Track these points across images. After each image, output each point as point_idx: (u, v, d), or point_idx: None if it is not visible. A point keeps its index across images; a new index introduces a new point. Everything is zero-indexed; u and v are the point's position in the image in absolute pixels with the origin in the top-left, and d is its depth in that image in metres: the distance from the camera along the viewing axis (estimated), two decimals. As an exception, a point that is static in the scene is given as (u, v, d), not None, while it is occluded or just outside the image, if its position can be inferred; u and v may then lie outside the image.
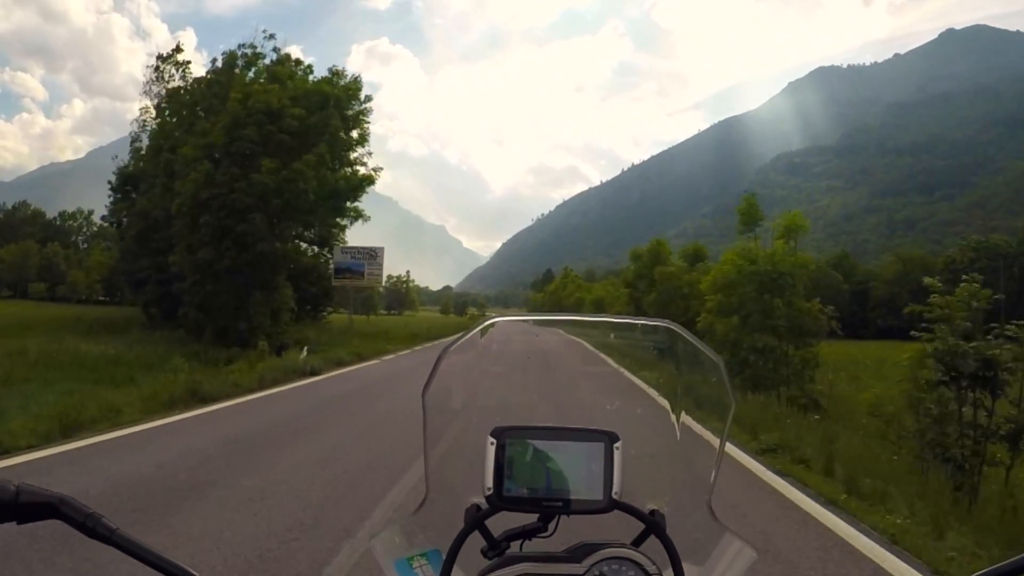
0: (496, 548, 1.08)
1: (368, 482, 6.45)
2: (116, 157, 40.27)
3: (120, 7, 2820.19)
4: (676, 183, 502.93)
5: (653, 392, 1.33)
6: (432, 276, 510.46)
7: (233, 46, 29.89)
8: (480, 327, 1.16)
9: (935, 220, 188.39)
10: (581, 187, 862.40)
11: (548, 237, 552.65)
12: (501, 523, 1.09)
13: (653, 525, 1.09)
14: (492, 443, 1.04)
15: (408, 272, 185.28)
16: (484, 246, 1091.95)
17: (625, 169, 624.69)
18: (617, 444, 1.05)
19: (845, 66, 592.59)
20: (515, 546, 1.09)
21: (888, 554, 4.87)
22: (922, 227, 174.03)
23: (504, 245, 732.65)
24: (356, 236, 39.37)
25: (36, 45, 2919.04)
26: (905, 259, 58.80)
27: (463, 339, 1.14)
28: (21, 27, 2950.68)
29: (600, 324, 1.48)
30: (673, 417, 1.20)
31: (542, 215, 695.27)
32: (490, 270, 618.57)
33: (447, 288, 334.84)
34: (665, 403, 1.22)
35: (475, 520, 1.07)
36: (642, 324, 1.31)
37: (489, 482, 1.03)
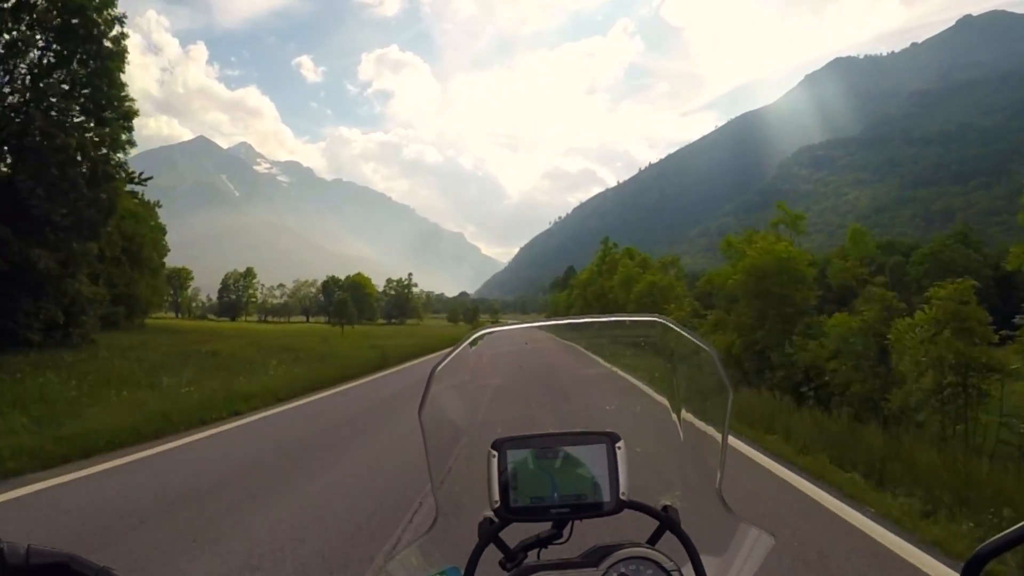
0: (513, 559, 1.07)
1: None
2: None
3: (131, 23, 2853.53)
4: (695, 181, 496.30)
5: (650, 389, 1.32)
6: (451, 284, 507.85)
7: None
8: (468, 340, 1.15)
9: (976, 210, 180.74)
10: (597, 190, 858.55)
11: (566, 240, 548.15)
12: (518, 533, 1.07)
13: (667, 521, 1.08)
14: (493, 455, 1.03)
15: (410, 275, 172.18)
16: (502, 252, 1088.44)
17: (642, 168, 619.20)
18: (619, 444, 1.05)
19: (862, 57, 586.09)
20: (532, 555, 1.08)
21: None
22: (962, 217, 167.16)
23: (521, 250, 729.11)
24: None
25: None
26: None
27: (453, 354, 1.12)
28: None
29: (589, 324, 1.46)
30: (673, 412, 1.19)
31: (559, 219, 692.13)
32: (509, 276, 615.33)
33: (463, 295, 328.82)
34: (664, 399, 1.21)
35: (489, 533, 1.06)
36: (631, 320, 1.31)
37: (495, 495, 1.02)
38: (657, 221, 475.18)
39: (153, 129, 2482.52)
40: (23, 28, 20.36)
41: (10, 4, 18.91)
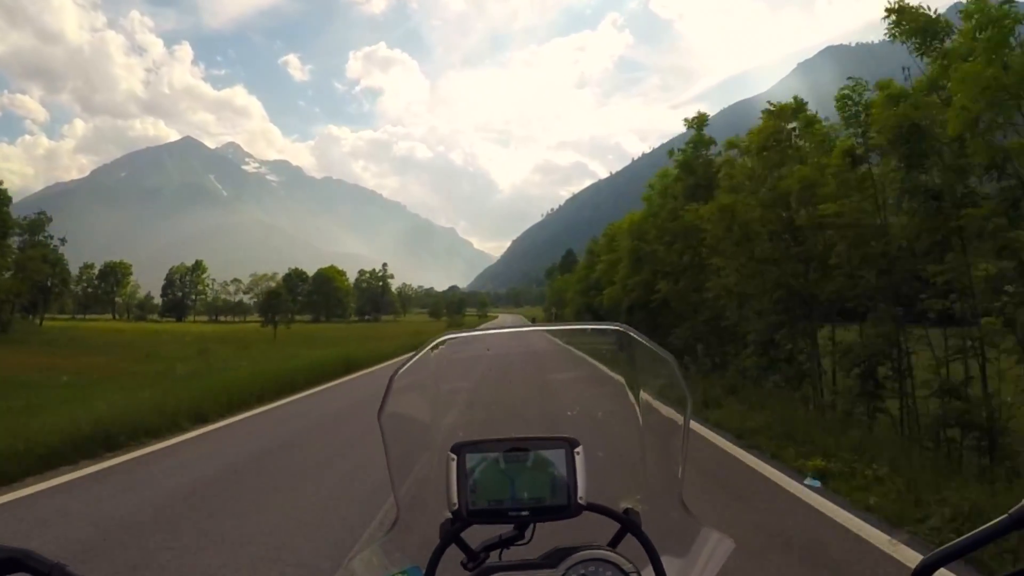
0: (475, 560, 1.08)
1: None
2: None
3: (114, 24, 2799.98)
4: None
5: (611, 395, 1.32)
6: (445, 279, 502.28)
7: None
8: (430, 344, 1.16)
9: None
10: (589, 182, 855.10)
11: (560, 232, 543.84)
12: (480, 534, 1.09)
13: (628, 524, 1.10)
14: (452, 459, 1.04)
15: (384, 266, 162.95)
16: (496, 247, 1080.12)
17: (635, 159, 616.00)
18: (577, 450, 1.06)
19: (854, 44, 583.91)
20: (494, 556, 1.09)
21: None
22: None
23: (514, 243, 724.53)
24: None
25: (34, 66, 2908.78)
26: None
27: (413, 358, 1.13)
28: (18, 49, 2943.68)
29: (554, 332, 1.50)
30: (634, 417, 1.21)
31: (551, 210, 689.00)
32: (502, 268, 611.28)
33: (453, 288, 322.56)
34: (625, 405, 1.22)
35: (450, 534, 1.07)
36: (592, 328, 1.31)
37: (454, 497, 1.03)
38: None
39: (139, 130, 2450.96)
40: None
41: None
